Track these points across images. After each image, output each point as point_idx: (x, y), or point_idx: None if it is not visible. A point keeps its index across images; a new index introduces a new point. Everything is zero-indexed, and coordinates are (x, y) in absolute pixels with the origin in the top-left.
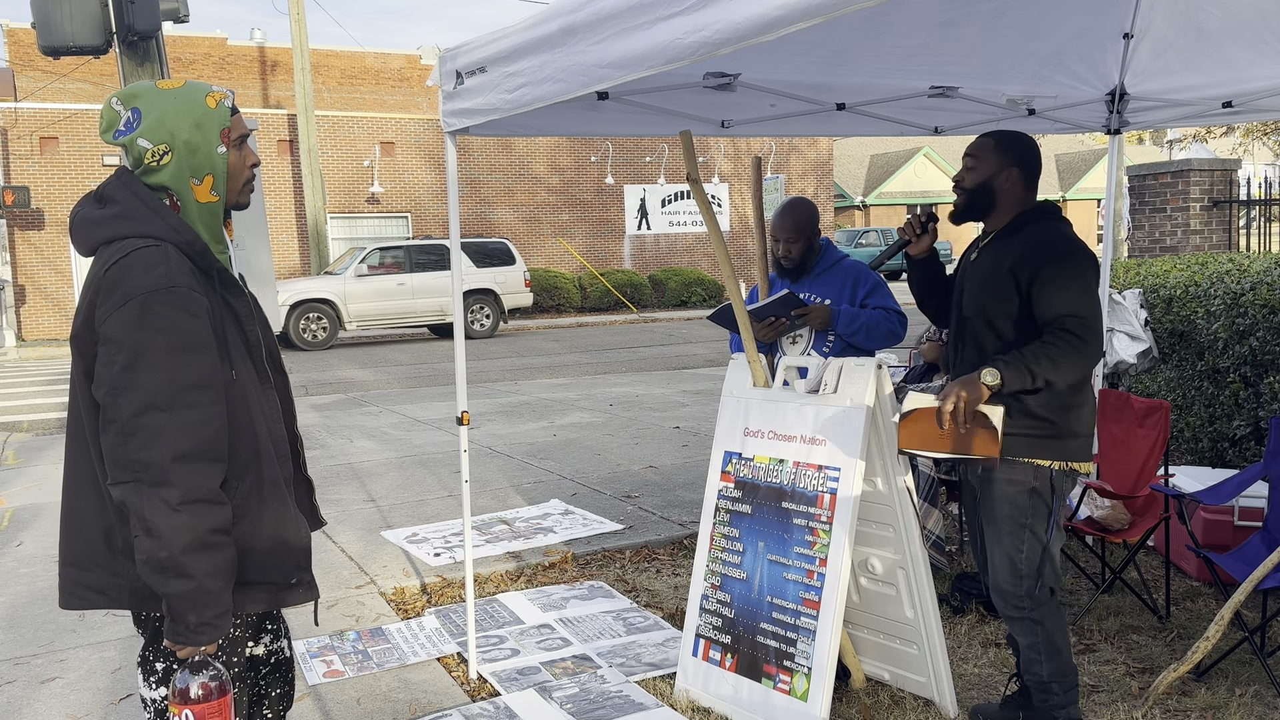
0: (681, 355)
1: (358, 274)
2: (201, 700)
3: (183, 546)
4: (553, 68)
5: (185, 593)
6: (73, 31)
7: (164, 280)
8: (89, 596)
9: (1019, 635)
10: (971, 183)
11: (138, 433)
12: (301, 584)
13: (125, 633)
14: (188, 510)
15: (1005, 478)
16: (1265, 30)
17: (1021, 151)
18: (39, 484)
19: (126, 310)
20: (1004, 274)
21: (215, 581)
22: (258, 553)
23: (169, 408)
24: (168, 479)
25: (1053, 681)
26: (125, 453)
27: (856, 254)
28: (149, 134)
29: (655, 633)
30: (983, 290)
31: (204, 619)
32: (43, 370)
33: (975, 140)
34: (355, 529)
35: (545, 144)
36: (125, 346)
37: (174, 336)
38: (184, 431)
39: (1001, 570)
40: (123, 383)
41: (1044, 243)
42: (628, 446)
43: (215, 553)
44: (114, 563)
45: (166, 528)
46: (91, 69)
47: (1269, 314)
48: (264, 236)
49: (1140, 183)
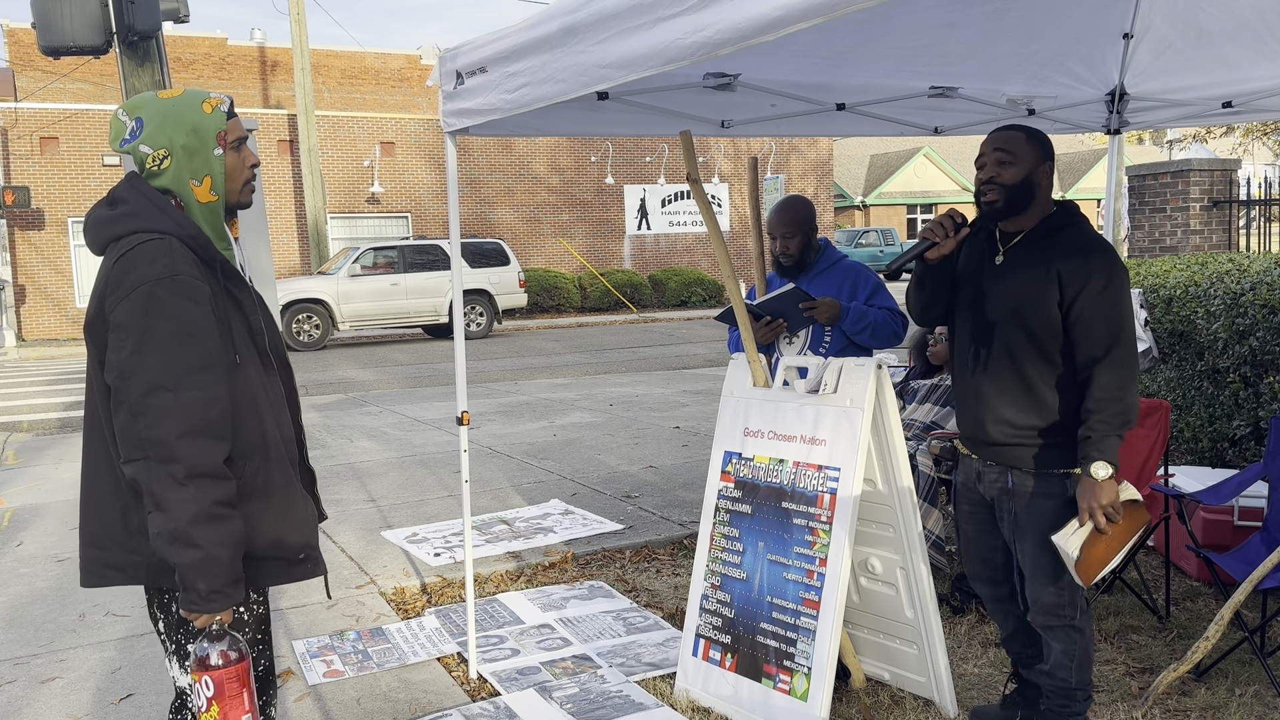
0: (681, 355)
1: (351, 274)
2: (221, 667)
3: (190, 518)
4: (553, 68)
5: (195, 562)
6: (73, 31)
7: (168, 270)
8: (109, 574)
9: (1057, 642)
10: (1012, 179)
11: (146, 412)
12: (309, 559)
13: (125, 633)
14: (193, 484)
15: (1042, 492)
16: (1265, 31)
17: (1049, 146)
18: (39, 484)
19: (134, 298)
20: (1047, 277)
21: (223, 551)
22: (266, 529)
23: (175, 388)
24: (174, 455)
25: (1079, 689)
26: (135, 432)
27: (856, 254)
28: (150, 140)
29: (655, 633)
30: (1020, 293)
31: (214, 587)
32: (43, 370)
33: (999, 134)
34: (355, 529)
35: (545, 144)
36: (133, 332)
37: (178, 322)
38: (189, 410)
39: (1045, 582)
40: (131, 366)
41: (1089, 248)
42: (628, 446)
43: (222, 524)
44: (131, 541)
45: (174, 501)
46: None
47: (1269, 314)
48: (264, 236)
49: (1140, 183)
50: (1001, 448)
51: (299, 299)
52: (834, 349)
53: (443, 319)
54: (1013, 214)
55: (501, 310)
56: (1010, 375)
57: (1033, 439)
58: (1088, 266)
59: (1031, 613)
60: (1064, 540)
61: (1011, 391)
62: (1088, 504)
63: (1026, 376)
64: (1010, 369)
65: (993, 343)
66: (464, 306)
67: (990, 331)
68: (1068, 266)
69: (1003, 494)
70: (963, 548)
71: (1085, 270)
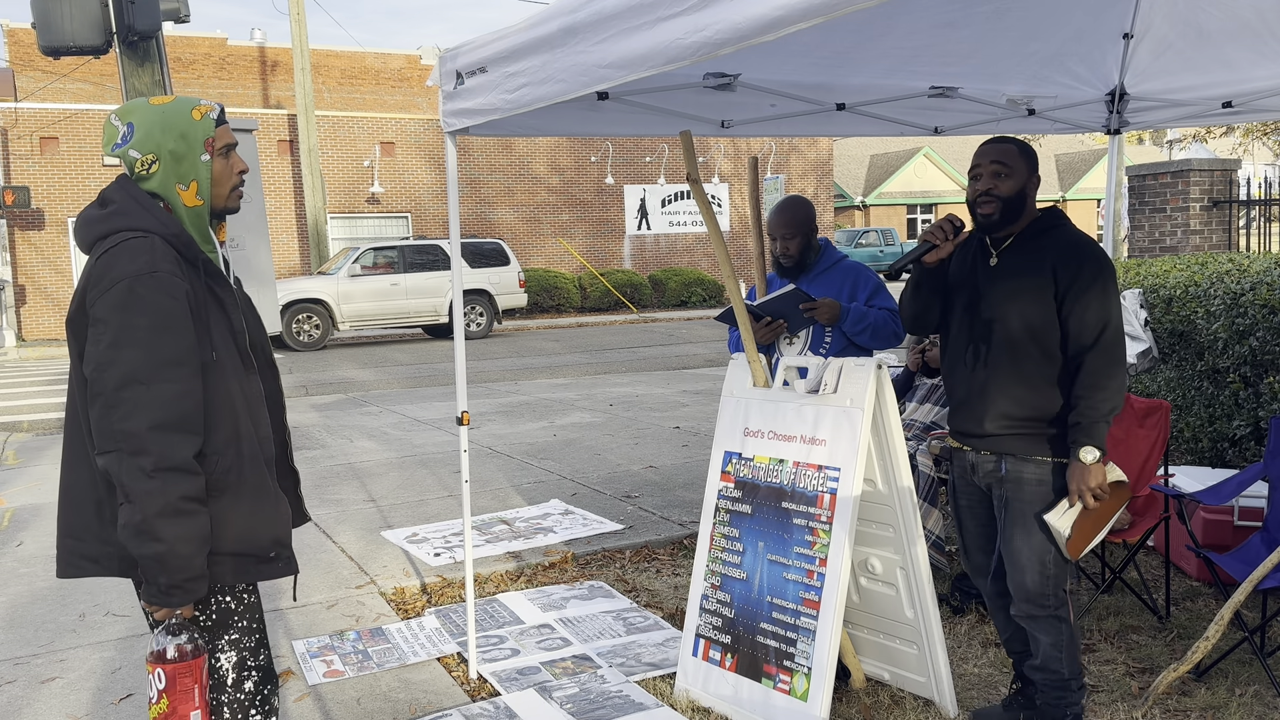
0: (681, 355)
1: (351, 274)
2: (175, 661)
3: (155, 511)
4: (553, 68)
5: (156, 555)
6: (73, 31)
7: (147, 266)
8: (84, 565)
9: (1043, 634)
10: (1008, 191)
11: (120, 405)
12: (280, 558)
13: (125, 633)
14: (160, 477)
15: (1033, 478)
16: (1265, 31)
17: (1036, 158)
18: (39, 484)
19: (113, 293)
20: (1043, 274)
21: (186, 546)
22: (237, 525)
23: (148, 381)
24: (144, 448)
25: (1072, 679)
26: (109, 424)
27: (856, 254)
28: (139, 145)
29: (655, 633)
30: (1018, 291)
31: (174, 581)
32: (43, 370)
33: (994, 147)
34: (355, 529)
35: (545, 144)
36: (111, 326)
37: (155, 317)
38: (161, 404)
39: (1030, 570)
40: (108, 359)
41: (1080, 245)
42: (628, 446)
43: (186, 519)
44: (105, 532)
45: (140, 493)
46: (91, 69)
47: (1269, 314)
48: (264, 237)
49: (1140, 183)
50: (998, 437)
51: (299, 299)
52: (834, 349)
53: (443, 319)
54: (1007, 224)
55: (501, 310)
56: (1011, 370)
57: (1028, 429)
58: (1079, 261)
59: (1015, 603)
60: (1056, 519)
61: (1012, 385)
62: (1077, 486)
63: (1025, 370)
64: (1011, 364)
65: (992, 340)
66: (464, 306)
67: (989, 330)
68: (1061, 264)
69: (996, 480)
70: (963, 544)
71: (1077, 264)
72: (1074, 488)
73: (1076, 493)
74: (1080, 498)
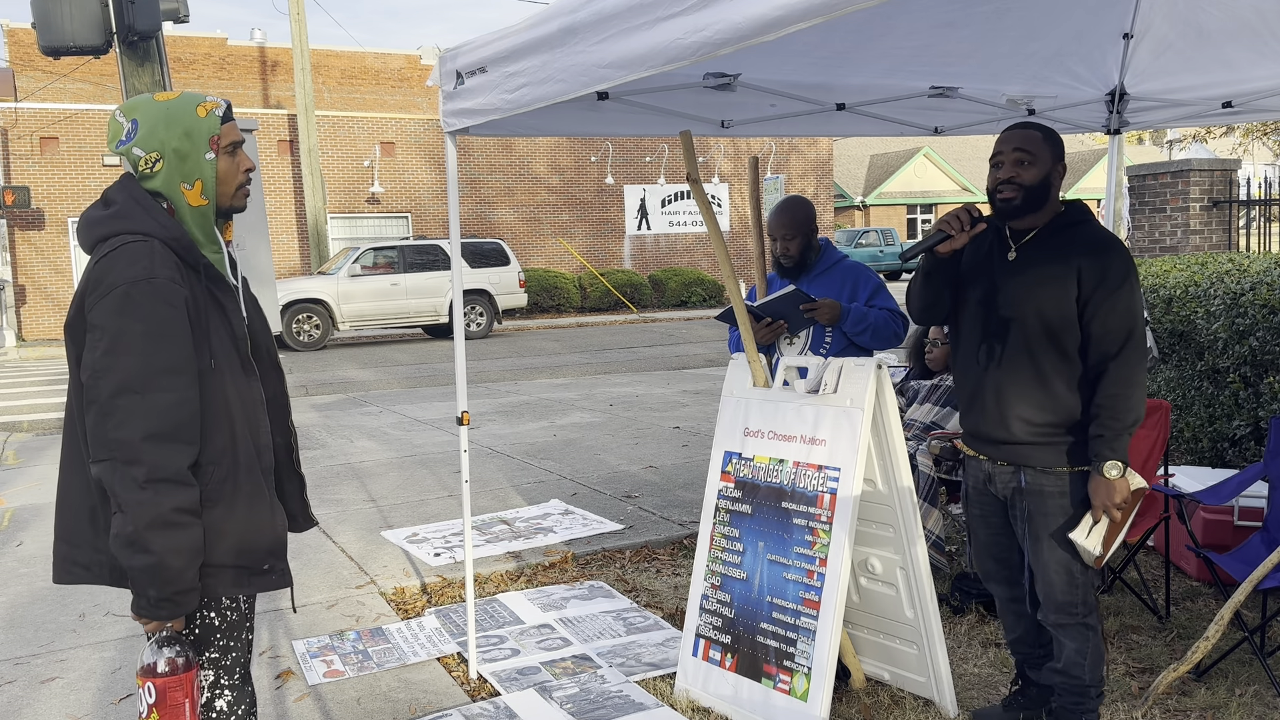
0: (681, 355)
1: (351, 274)
2: (166, 675)
3: (146, 522)
4: (553, 68)
5: (146, 567)
6: (73, 31)
7: (145, 272)
8: (76, 572)
9: (1071, 640)
10: (1032, 179)
11: (114, 413)
12: (274, 570)
13: (125, 633)
14: (152, 488)
15: (1055, 491)
16: (1265, 31)
17: (1062, 145)
18: (39, 484)
19: (110, 299)
20: (1067, 273)
21: (176, 559)
22: (231, 536)
23: (143, 390)
24: (138, 457)
25: (1092, 685)
26: (104, 432)
27: (856, 254)
28: (142, 143)
29: (655, 633)
30: (1037, 288)
31: (163, 595)
32: (43, 370)
33: (1017, 133)
34: (355, 529)
35: (545, 144)
36: (107, 332)
37: (151, 324)
38: (156, 413)
39: (1059, 581)
40: (103, 366)
41: (1108, 244)
42: (628, 446)
43: (177, 531)
44: (98, 540)
45: (132, 503)
46: (91, 69)
47: (1269, 314)
48: (264, 237)
49: (1140, 183)
50: (1016, 446)
51: (299, 299)
52: (834, 350)
53: (443, 319)
54: (1028, 212)
55: (501, 310)
56: (1027, 371)
57: (1047, 437)
58: (1106, 263)
59: (1044, 611)
60: (1084, 539)
61: (1028, 388)
62: (1102, 503)
63: (1043, 372)
64: (1027, 365)
65: (1008, 339)
66: (464, 306)
67: (1005, 327)
68: (1087, 263)
69: (1016, 493)
70: (976, 550)
71: (1103, 266)
72: (1098, 503)
73: (1101, 509)
74: (1106, 513)
